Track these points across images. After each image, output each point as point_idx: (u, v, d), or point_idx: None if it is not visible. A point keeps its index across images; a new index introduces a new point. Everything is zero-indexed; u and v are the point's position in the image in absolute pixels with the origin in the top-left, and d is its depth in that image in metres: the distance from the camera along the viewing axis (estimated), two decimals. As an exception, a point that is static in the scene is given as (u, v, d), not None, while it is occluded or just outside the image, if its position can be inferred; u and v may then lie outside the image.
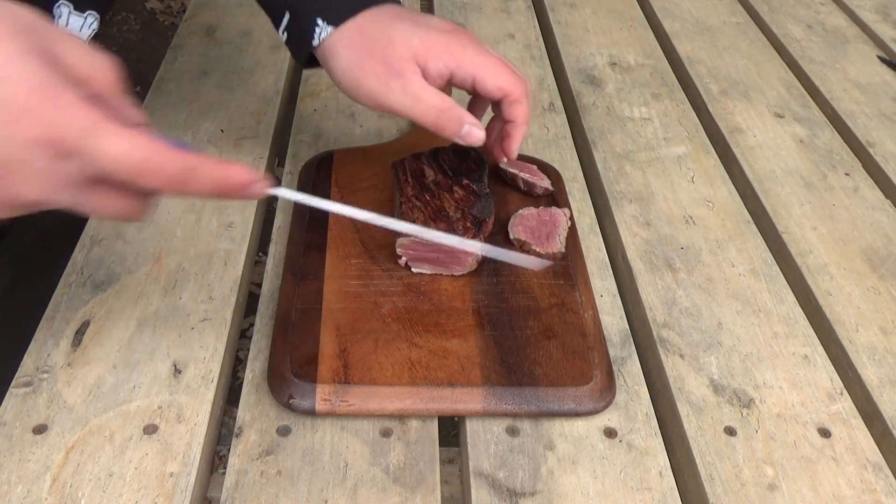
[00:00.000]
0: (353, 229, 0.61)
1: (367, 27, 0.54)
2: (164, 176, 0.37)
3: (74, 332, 0.53)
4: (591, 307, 0.57)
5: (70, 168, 0.35)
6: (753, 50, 0.98)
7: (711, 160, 0.77)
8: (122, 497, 0.44)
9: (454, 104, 0.53)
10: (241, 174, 0.40)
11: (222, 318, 0.55)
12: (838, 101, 0.89)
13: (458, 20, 0.98)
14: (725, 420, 0.52)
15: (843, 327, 0.60)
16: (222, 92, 0.79)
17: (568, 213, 0.64)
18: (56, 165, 0.35)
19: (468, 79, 0.53)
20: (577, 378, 0.52)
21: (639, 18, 1.03)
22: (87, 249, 0.60)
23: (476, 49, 0.54)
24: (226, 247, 0.61)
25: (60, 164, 0.35)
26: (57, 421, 0.48)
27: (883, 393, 0.56)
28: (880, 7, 1.12)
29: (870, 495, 0.49)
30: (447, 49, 0.53)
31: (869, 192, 0.75)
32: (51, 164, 0.35)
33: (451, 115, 0.53)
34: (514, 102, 0.54)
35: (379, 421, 0.50)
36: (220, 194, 0.40)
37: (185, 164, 0.38)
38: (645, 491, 0.48)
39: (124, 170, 0.36)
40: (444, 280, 0.58)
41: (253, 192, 0.41)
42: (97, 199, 0.38)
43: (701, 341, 0.58)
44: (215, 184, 0.39)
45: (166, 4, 2.54)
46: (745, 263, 0.65)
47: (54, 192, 0.36)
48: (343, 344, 0.52)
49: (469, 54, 0.53)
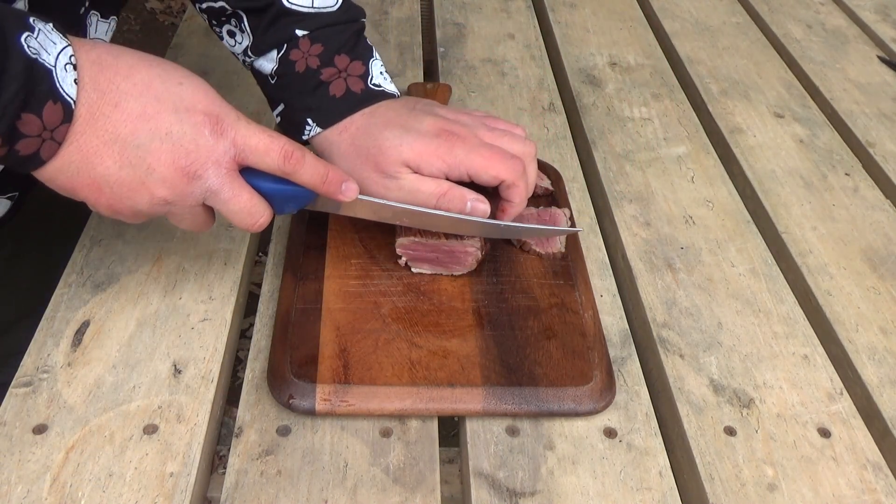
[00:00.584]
0: (353, 229, 0.61)
1: (358, 136, 0.56)
2: (283, 154, 0.47)
3: (74, 332, 0.53)
4: (591, 307, 0.57)
5: (225, 145, 0.46)
6: (753, 50, 0.98)
7: (711, 160, 0.77)
8: (122, 497, 0.44)
9: (452, 186, 0.55)
10: (339, 173, 0.51)
11: (222, 318, 0.55)
12: (838, 101, 0.89)
13: (458, 20, 0.98)
14: (725, 420, 0.52)
15: (843, 327, 0.60)
16: (222, 92, 0.77)
17: (568, 213, 0.64)
18: (215, 142, 0.46)
19: (464, 175, 0.55)
20: (576, 378, 0.52)
21: (639, 18, 1.03)
22: (87, 249, 0.60)
23: (466, 148, 0.55)
24: (226, 247, 0.61)
25: (217, 141, 0.46)
26: (57, 421, 0.48)
27: (883, 393, 0.56)
28: (880, 7, 1.12)
29: (870, 495, 0.49)
30: (437, 155, 0.54)
31: (869, 192, 0.75)
32: (212, 140, 0.46)
33: (451, 197, 0.55)
34: (509, 187, 0.56)
35: (379, 421, 0.50)
36: (321, 187, 0.50)
37: (302, 151, 0.48)
38: (645, 491, 0.48)
39: (263, 146, 0.47)
40: (444, 280, 0.58)
41: (347, 191, 0.51)
42: (230, 191, 0.47)
43: (701, 341, 0.58)
44: (319, 176, 0.49)
45: (166, 4, 2.54)
46: (745, 263, 0.65)
47: (211, 169, 0.46)
48: (343, 344, 0.52)
49: (459, 156, 0.54)
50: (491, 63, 0.89)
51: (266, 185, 0.49)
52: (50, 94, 0.41)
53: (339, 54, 0.58)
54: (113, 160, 0.44)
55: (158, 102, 0.45)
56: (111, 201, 0.46)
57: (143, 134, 0.44)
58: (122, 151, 0.44)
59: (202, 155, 0.46)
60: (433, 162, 0.54)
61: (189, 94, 0.46)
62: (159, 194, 0.46)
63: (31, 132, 0.41)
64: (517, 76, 0.87)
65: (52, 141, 0.43)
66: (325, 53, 0.58)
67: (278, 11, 0.58)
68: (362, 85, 0.58)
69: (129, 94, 0.44)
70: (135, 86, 0.45)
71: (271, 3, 0.58)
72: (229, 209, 0.48)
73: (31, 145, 0.42)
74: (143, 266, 0.59)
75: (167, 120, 0.45)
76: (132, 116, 0.44)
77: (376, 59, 0.60)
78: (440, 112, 0.58)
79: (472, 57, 0.90)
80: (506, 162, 0.55)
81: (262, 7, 0.58)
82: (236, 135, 0.47)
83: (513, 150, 0.56)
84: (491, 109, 0.81)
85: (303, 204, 0.51)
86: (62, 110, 0.42)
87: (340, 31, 0.59)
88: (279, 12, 0.58)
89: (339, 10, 0.59)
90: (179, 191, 0.46)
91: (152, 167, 0.45)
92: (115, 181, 0.45)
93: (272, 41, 0.58)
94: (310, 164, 0.49)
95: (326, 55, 0.58)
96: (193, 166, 0.46)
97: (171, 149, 0.45)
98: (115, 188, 0.45)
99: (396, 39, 0.93)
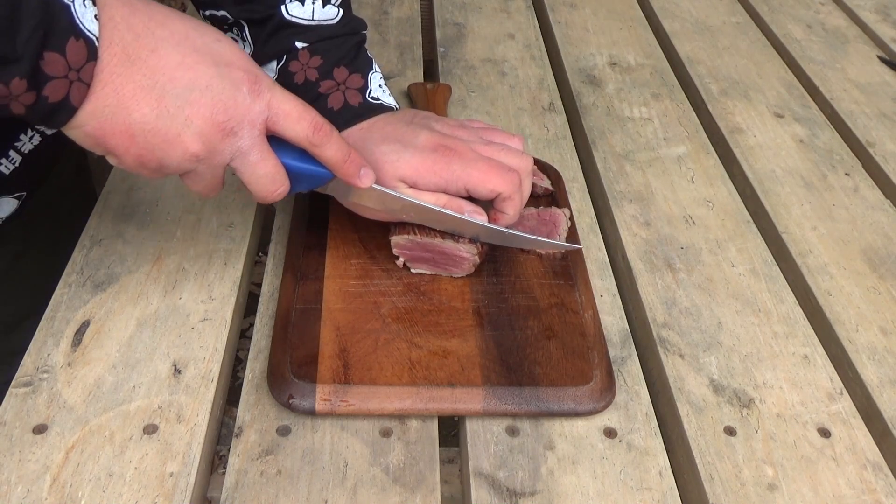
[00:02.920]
0: (353, 229, 0.61)
1: (357, 149, 0.56)
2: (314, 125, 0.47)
3: (74, 332, 0.53)
4: (591, 307, 0.57)
5: (261, 105, 0.46)
6: (753, 50, 0.98)
7: (711, 160, 0.77)
8: (122, 497, 0.44)
9: (450, 199, 0.55)
10: (361, 157, 0.51)
11: (222, 318, 0.55)
12: (838, 101, 0.89)
13: (458, 20, 0.98)
14: (725, 420, 0.52)
15: (843, 327, 0.60)
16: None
17: (568, 213, 0.64)
18: (253, 101, 0.45)
19: (461, 190, 0.55)
20: (576, 378, 0.52)
21: (639, 18, 1.03)
22: (87, 249, 0.60)
23: (463, 163, 0.55)
24: (226, 247, 0.61)
25: (254, 100, 0.45)
26: (57, 421, 0.48)
27: (883, 393, 0.56)
28: (880, 7, 1.12)
29: (870, 495, 0.49)
30: (433, 171, 0.54)
31: (869, 192, 0.75)
32: (249, 99, 0.45)
33: (449, 209, 0.55)
34: (505, 200, 0.56)
35: (379, 421, 0.50)
36: (341, 166, 0.50)
37: (331, 126, 0.49)
38: (645, 491, 0.48)
39: (296, 113, 0.47)
40: (444, 280, 0.58)
41: (364, 177, 0.51)
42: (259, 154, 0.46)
43: (701, 341, 0.58)
44: (342, 154, 0.49)
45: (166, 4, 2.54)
46: (745, 263, 0.65)
47: (246, 128, 0.46)
48: (343, 344, 0.52)
49: (456, 171, 0.55)
50: (491, 63, 0.90)
51: (287, 159, 0.48)
52: (71, 30, 0.39)
53: (338, 67, 0.58)
54: (150, 107, 0.42)
55: (197, 54, 0.44)
56: (142, 152, 0.44)
57: (183, 83, 0.43)
58: (160, 99, 0.43)
59: (240, 112, 0.45)
60: (430, 178, 0.54)
61: (227, 52, 0.45)
62: (193, 149, 0.44)
63: (56, 73, 0.39)
64: (517, 76, 0.87)
65: (80, 82, 0.40)
66: (324, 66, 0.58)
67: (278, 23, 0.58)
68: (360, 98, 0.58)
69: (167, 40, 0.43)
70: (172, 34, 0.43)
71: (272, 14, 0.58)
72: (255, 172, 0.47)
73: (59, 88, 0.40)
74: (143, 266, 0.59)
75: (207, 72, 0.44)
76: (171, 64, 0.43)
77: (376, 71, 0.60)
78: (437, 126, 0.58)
79: (472, 57, 0.90)
80: (503, 175, 0.55)
81: (262, 18, 0.58)
82: (272, 97, 0.46)
83: (510, 163, 0.56)
84: (491, 109, 0.82)
85: (317, 185, 0.51)
86: (86, 47, 0.40)
87: (340, 44, 0.59)
88: (279, 24, 0.58)
89: (340, 22, 0.59)
90: (213, 147, 0.45)
91: (190, 118, 0.43)
92: (151, 130, 0.43)
93: (272, 52, 0.59)
94: (336, 140, 0.49)
95: (325, 68, 0.58)
96: (231, 122, 0.45)
97: (210, 102, 0.44)
98: (150, 137, 0.43)
99: (396, 39, 0.93)
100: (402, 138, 0.56)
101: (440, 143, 0.56)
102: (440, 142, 0.56)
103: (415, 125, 0.57)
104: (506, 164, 0.56)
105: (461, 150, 0.56)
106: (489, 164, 0.55)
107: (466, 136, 0.58)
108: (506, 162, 0.56)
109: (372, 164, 0.55)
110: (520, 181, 0.56)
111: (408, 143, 0.56)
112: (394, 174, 0.55)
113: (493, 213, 0.56)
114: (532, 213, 0.63)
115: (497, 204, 0.56)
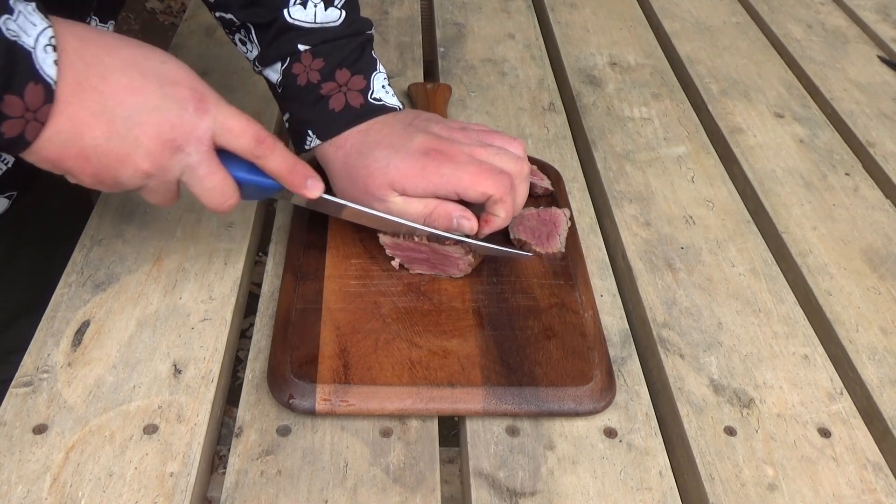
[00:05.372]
0: (354, 229, 0.61)
1: (352, 154, 0.57)
2: (257, 138, 0.49)
3: (74, 332, 0.53)
4: (591, 307, 0.57)
5: (207, 122, 0.47)
6: (753, 50, 0.98)
7: (711, 160, 0.77)
8: (122, 497, 0.44)
9: (439, 204, 0.55)
10: (307, 167, 0.52)
11: (222, 318, 0.55)
12: (838, 101, 0.89)
13: (458, 20, 0.98)
14: (725, 420, 0.52)
15: (843, 327, 0.60)
16: (222, 92, 0.77)
17: (568, 213, 0.64)
18: (199, 118, 0.47)
19: (451, 194, 0.55)
20: (577, 378, 0.52)
21: (639, 18, 1.03)
22: (87, 249, 0.60)
23: (453, 166, 0.55)
24: (226, 247, 0.61)
25: (200, 118, 0.47)
26: (57, 421, 0.48)
27: (883, 393, 0.56)
28: (880, 7, 1.12)
29: (870, 495, 0.49)
30: (422, 175, 0.54)
31: (869, 192, 0.75)
32: (195, 117, 0.47)
33: (438, 215, 0.55)
34: (496, 202, 0.55)
35: (379, 421, 0.50)
36: (287, 177, 0.51)
37: (273, 139, 0.50)
38: (645, 491, 0.48)
39: (238, 127, 0.48)
40: (444, 280, 0.58)
41: (311, 187, 0.52)
42: (207, 168, 0.48)
43: (701, 341, 0.58)
44: (286, 165, 0.50)
45: (166, 4, 2.54)
46: (745, 263, 0.65)
47: (193, 144, 0.47)
48: (343, 344, 0.52)
49: (446, 174, 0.54)
50: (491, 63, 0.90)
51: (236, 172, 0.50)
52: (30, 76, 0.42)
53: (341, 69, 0.58)
54: (101, 131, 0.45)
55: (144, 77, 0.46)
56: (97, 171, 0.46)
57: (131, 106, 0.45)
58: (110, 122, 0.45)
59: (186, 129, 0.47)
60: (419, 182, 0.54)
61: (173, 72, 0.47)
62: (143, 167, 0.46)
63: (13, 113, 0.42)
64: (517, 76, 0.87)
65: (36, 122, 0.43)
66: (326, 68, 0.58)
67: (282, 26, 0.58)
68: (362, 100, 0.58)
69: (115, 68, 0.45)
70: (120, 61, 0.46)
71: (275, 18, 0.58)
72: (203, 186, 0.49)
73: (16, 127, 0.42)
74: (143, 266, 0.59)
75: (154, 94, 0.46)
76: (120, 89, 0.45)
77: (379, 72, 0.60)
78: (435, 129, 0.58)
79: (472, 57, 0.90)
80: (493, 177, 0.55)
81: (266, 22, 0.58)
82: (217, 113, 0.48)
83: (503, 166, 0.56)
84: (491, 109, 0.82)
85: (268, 195, 0.53)
86: (43, 91, 0.42)
87: (343, 46, 0.59)
88: (283, 27, 0.58)
89: (343, 24, 0.59)
90: (162, 164, 0.47)
91: (139, 139, 0.46)
92: (104, 151, 0.45)
93: (276, 54, 0.59)
94: (280, 152, 0.50)
95: (327, 70, 0.58)
96: (178, 140, 0.47)
97: (157, 122, 0.46)
98: (103, 158, 0.46)
99: (396, 39, 0.93)
100: (395, 143, 0.56)
101: (432, 147, 0.55)
102: (433, 145, 0.56)
103: (412, 128, 0.57)
104: (497, 167, 0.55)
105: (453, 154, 0.55)
106: (480, 167, 0.55)
107: (464, 139, 0.57)
108: (499, 165, 0.56)
109: (365, 171, 0.55)
110: (511, 184, 0.55)
111: (400, 147, 0.56)
112: (384, 181, 0.55)
113: (484, 216, 0.56)
114: (532, 213, 0.63)
115: (488, 207, 0.55)
